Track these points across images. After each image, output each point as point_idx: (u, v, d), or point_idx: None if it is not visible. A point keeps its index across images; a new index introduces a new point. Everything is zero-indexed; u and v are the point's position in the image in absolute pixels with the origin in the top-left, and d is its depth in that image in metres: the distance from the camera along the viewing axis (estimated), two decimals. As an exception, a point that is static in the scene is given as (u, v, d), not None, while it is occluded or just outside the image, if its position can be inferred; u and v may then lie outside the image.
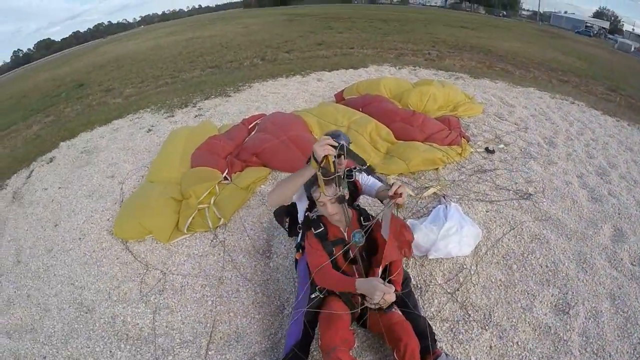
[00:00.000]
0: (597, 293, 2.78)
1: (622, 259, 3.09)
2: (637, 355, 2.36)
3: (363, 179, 2.79)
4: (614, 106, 7.90)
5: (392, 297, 2.09)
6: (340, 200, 2.22)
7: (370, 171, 2.84)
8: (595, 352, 2.37)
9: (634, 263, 3.08)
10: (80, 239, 3.61)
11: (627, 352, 2.38)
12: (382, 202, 2.51)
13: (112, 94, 9.56)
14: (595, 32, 42.71)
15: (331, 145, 2.02)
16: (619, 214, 3.64)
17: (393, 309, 2.25)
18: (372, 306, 2.12)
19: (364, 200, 3.17)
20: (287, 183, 2.32)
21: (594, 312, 2.63)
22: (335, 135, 2.44)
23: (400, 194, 2.05)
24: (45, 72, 23.06)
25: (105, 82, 11.78)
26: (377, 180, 2.76)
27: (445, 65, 9.90)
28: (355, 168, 2.75)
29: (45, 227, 3.87)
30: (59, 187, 4.57)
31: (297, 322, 2.26)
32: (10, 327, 2.80)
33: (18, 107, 11.78)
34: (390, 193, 2.08)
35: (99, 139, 5.90)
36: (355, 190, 2.70)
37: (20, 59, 76.60)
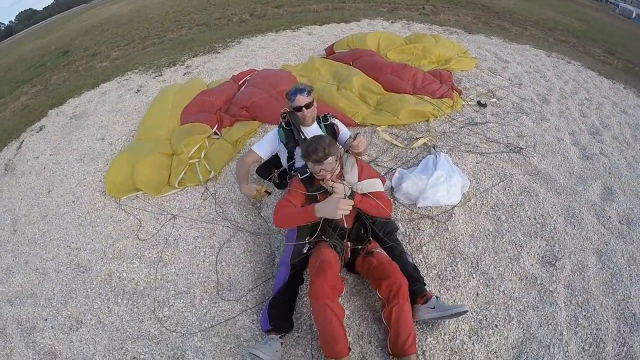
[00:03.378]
0: (584, 248, 2.81)
1: (610, 217, 3.11)
2: (621, 311, 2.41)
3: (340, 127, 2.92)
4: (611, 69, 7.69)
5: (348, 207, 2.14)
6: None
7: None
8: (580, 304, 2.43)
9: (622, 222, 3.10)
10: (73, 202, 3.63)
11: (611, 307, 2.43)
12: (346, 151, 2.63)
13: (98, 58, 9.28)
14: (597, -6, 40.87)
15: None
16: (610, 173, 3.63)
17: (378, 251, 2.31)
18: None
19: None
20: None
21: (580, 266, 2.67)
22: (299, 89, 2.71)
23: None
24: (29, 43, 22.31)
25: (90, 47, 11.43)
26: (347, 132, 2.91)
27: (439, 20, 9.55)
28: (329, 114, 2.91)
29: (38, 195, 3.88)
30: (50, 154, 4.54)
31: (284, 266, 2.32)
32: (11, 294, 2.86)
33: (4, 81, 11.48)
34: (351, 146, 2.43)
35: (87, 104, 5.79)
36: (334, 135, 2.79)
37: (2, 33, 73.68)
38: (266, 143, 2.90)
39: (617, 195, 3.35)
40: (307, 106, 2.72)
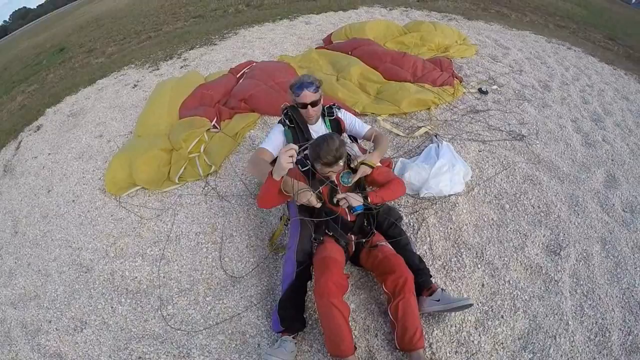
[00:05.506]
0: (588, 236, 2.79)
1: (613, 205, 3.08)
2: (626, 300, 2.40)
3: (347, 118, 2.76)
4: (612, 55, 7.64)
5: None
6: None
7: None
8: (585, 294, 2.42)
9: (625, 210, 3.07)
10: (73, 201, 3.60)
11: (617, 296, 2.42)
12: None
13: (94, 54, 9.20)
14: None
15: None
16: (612, 160, 3.60)
17: (382, 244, 2.28)
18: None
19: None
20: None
21: (584, 254, 2.65)
22: (306, 83, 2.47)
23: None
24: (24, 41, 22.07)
25: (86, 43, 11.32)
26: (363, 124, 2.77)
27: (438, 6, 9.42)
28: (334, 105, 2.76)
29: (38, 195, 3.84)
30: (49, 154, 4.49)
31: (290, 263, 2.28)
32: (15, 297, 2.85)
33: (-1, 82, 11.42)
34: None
35: (84, 101, 5.73)
36: (339, 129, 2.68)
37: (-4, 34, 72.75)
38: (275, 139, 2.62)
39: (620, 182, 3.33)
40: (314, 104, 2.49)
